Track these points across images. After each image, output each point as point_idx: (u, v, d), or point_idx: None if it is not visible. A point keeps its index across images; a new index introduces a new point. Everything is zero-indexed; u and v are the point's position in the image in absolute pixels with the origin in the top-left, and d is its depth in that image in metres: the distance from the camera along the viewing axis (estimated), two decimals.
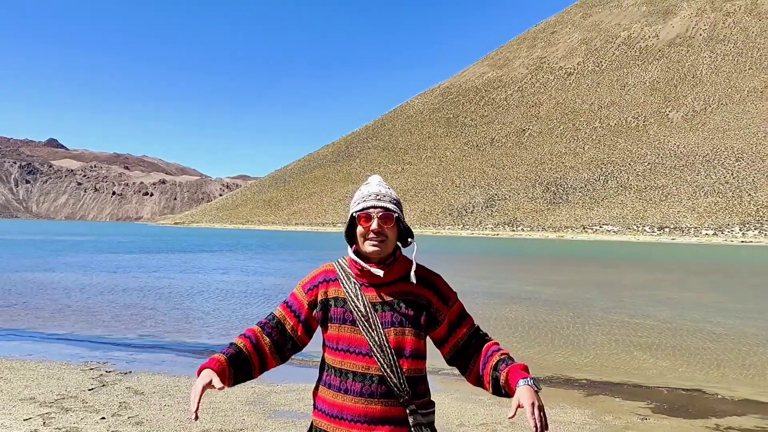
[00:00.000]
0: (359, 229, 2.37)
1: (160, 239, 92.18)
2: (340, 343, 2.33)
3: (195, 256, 47.95)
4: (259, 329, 2.43)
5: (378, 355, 2.27)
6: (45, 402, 7.19)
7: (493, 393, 2.35)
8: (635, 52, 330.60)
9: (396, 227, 2.40)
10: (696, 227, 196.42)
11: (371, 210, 2.36)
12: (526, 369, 2.25)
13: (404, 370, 2.29)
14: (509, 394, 2.25)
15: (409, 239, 2.47)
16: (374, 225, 2.34)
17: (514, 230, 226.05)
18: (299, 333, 2.44)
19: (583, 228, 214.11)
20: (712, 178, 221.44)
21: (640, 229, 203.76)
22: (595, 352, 11.99)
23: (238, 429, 6.41)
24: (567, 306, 19.40)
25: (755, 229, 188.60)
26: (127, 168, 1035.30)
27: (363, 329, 2.29)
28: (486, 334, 2.52)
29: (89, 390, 7.96)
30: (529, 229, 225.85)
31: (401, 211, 2.44)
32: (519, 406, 2.13)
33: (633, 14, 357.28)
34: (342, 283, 2.38)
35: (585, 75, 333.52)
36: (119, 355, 10.71)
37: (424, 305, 2.39)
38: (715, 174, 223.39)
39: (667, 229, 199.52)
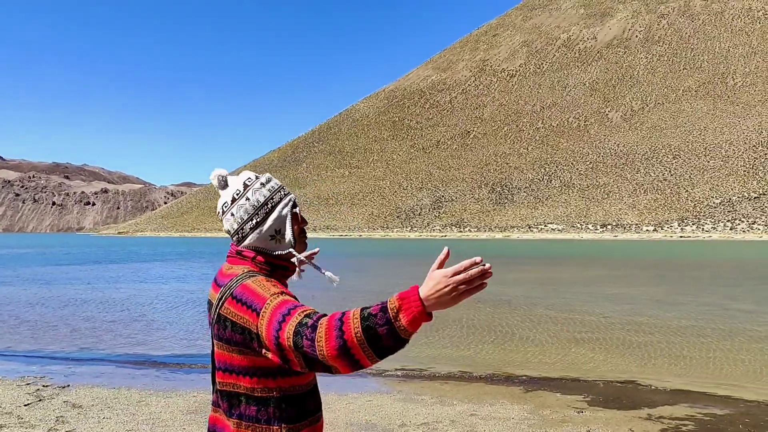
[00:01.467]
0: (296, 229, 2.13)
1: (106, 249, 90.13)
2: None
3: (145, 265, 47.09)
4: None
5: None
6: None
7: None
8: (575, 53, 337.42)
9: None
10: (637, 224, 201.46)
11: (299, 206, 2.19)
12: None
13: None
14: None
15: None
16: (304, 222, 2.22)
17: (461, 231, 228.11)
18: None
19: (529, 227, 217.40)
20: (651, 176, 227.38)
21: (583, 227, 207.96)
22: (535, 349, 12.23)
23: None
24: (510, 305, 19.71)
25: (693, 224, 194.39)
26: (67, 177, 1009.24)
27: None
28: None
29: (25, 405, 7.79)
30: (476, 229, 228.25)
31: None
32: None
33: (572, 17, 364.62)
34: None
35: (527, 77, 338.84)
36: (57, 369, 10.48)
37: None
38: (653, 171, 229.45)
39: (609, 227, 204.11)
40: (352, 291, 24.45)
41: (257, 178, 2.09)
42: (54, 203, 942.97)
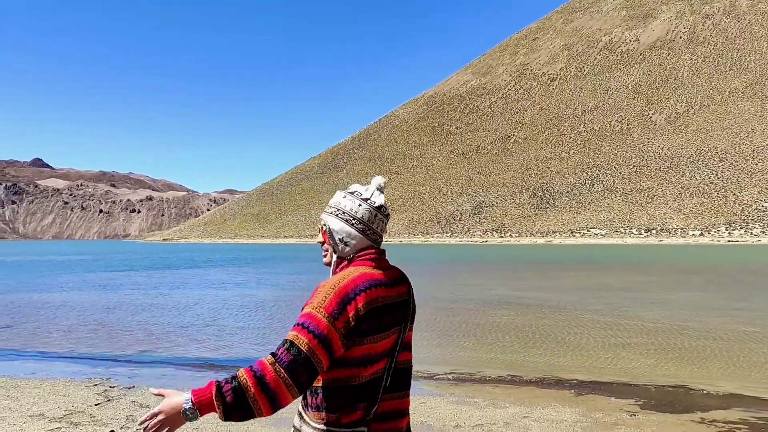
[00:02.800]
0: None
1: (156, 256, 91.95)
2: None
3: (201, 271, 47.98)
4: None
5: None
6: (54, 418, 7.40)
7: None
8: (617, 56, 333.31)
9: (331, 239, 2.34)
10: (683, 228, 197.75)
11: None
12: None
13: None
14: None
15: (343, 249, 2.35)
16: (320, 237, 2.35)
17: (502, 236, 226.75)
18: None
19: (571, 232, 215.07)
20: (697, 179, 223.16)
21: (627, 231, 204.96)
22: (584, 354, 12.31)
23: None
24: (556, 310, 19.73)
25: (741, 228, 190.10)
26: (113, 185, 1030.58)
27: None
28: None
29: (95, 405, 8.18)
30: (517, 234, 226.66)
31: (352, 222, 2.33)
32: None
33: (613, 19, 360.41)
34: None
35: (568, 80, 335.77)
36: (121, 371, 10.92)
37: None
38: (699, 175, 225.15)
39: (654, 231, 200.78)
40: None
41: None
42: (101, 211, 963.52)
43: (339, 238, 2.32)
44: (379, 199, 2.36)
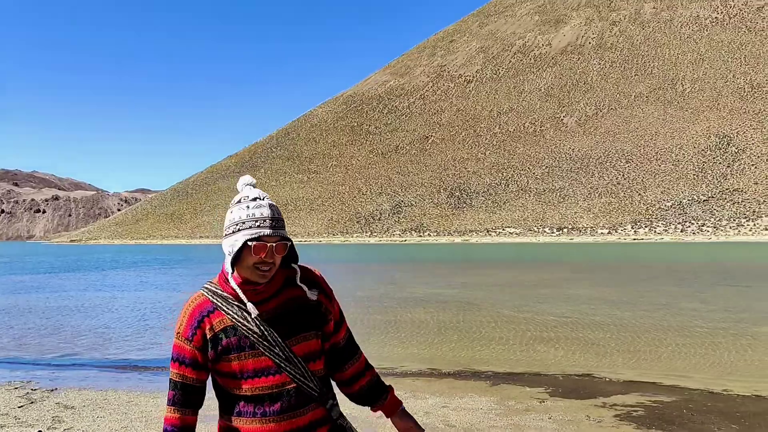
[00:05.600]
0: (251, 259, 2.18)
1: (67, 258, 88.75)
2: (245, 372, 2.20)
3: (119, 272, 46.77)
4: (178, 413, 2.24)
5: (288, 368, 2.20)
6: None
7: (356, 400, 2.44)
8: (530, 59, 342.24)
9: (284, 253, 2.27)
10: (592, 227, 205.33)
11: (267, 239, 2.18)
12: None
13: (314, 372, 2.26)
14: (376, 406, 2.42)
15: (293, 264, 2.36)
16: (269, 256, 2.18)
17: (421, 236, 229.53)
18: (203, 379, 2.28)
19: (487, 231, 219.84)
20: (605, 180, 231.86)
21: (540, 230, 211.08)
22: (499, 347, 12.98)
23: None
24: (473, 306, 20.46)
25: (645, 226, 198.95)
26: (16, 184, 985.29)
27: (264, 349, 2.19)
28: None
29: (19, 407, 8.16)
30: (435, 234, 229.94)
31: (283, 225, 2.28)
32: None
33: (527, 23, 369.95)
34: (222, 310, 2.22)
35: (484, 82, 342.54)
36: (42, 374, 10.82)
37: (314, 306, 2.34)
38: (607, 176, 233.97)
39: (565, 230, 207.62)
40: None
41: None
42: (2, 211, 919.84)
43: (293, 253, 2.38)
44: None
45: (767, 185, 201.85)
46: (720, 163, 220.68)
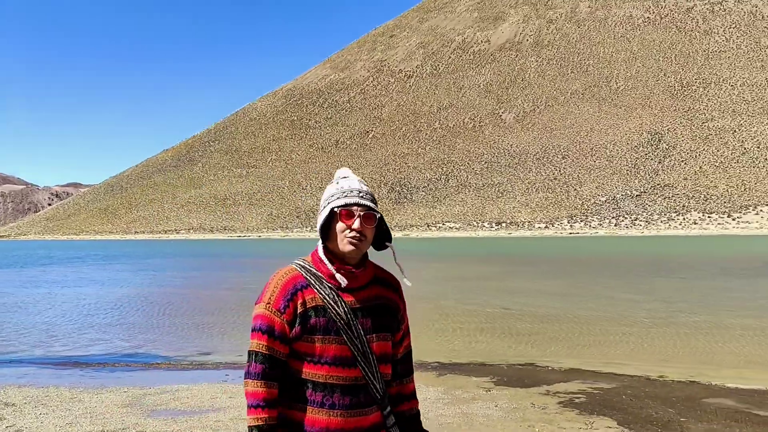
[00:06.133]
0: (339, 226, 2.21)
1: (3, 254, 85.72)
2: (324, 356, 2.15)
3: (44, 269, 45.39)
4: (266, 387, 2.16)
5: (362, 364, 2.16)
6: None
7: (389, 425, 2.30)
8: (469, 56, 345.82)
9: (374, 229, 2.28)
10: (529, 221, 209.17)
11: (354, 207, 2.21)
12: None
13: (383, 375, 2.23)
14: None
15: (387, 243, 2.38)
16: (356, 224, 2.20)
17: None
18: (287, 354, 2.21)
19: (428, 226, 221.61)
20: (543, 175, 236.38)
21: (479, 225, 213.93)
22: (445, 339, 13.19)
23: (120, 429, 6.75)
24: (418, 299, 20.66)
25: (581, 221, 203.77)
26: None
27: (347, 338, 2.16)
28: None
29: None
30: None
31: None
32: None
33: (466, 20, 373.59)
34: (315, 288, 2.20)
35: (424, 78, 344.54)
36: None
37: (395, 310, 2.34)
38: (545, 171, 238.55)
39: (504, 224, 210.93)
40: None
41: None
42: None
43: (385, 229, 2.37)
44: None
45: (696, 181, 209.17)
46: (652, 159, 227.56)
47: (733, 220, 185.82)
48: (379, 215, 2.26)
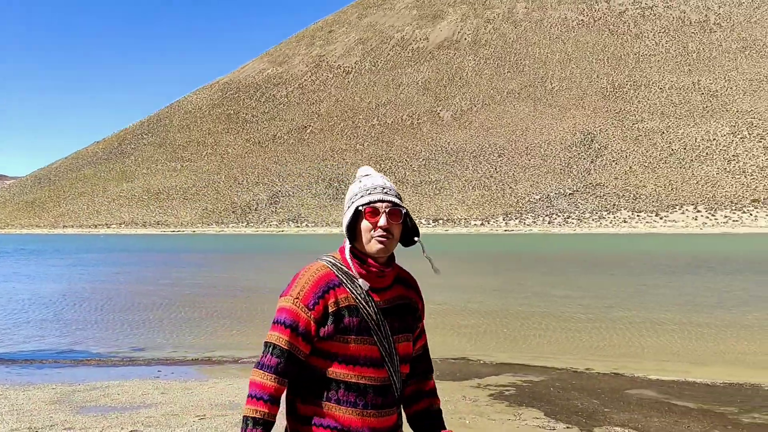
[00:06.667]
0: (365, 225, 2.17)
1: None
2: (358, 357, 2.11)
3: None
4: (275, 383, 2.08)
5: (389, 364, 2.14)
6: None
7: (410, 421, 2.34)
8: (408, 53, 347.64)
9: (401, 225, 2.23)
10: (466, 218, 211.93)
11: (378, 204, 2.17)
12: None
13: (402, 374, 2.22)
14: None
15: (415, 238, 2.32)
16: (382, 221, 2.16)
17: (299, 226, 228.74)
18: (307, 354, 2.14)
19: None
20: (479, 173, 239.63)
21: (416, 221, 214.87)
22: None
23: (48, 426, 6.62)
24: None
25: (516, 218, 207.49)
26: None
27: (377, 339, 2.13)
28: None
29: None
30: (313, 224, 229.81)
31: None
32: None
33: (405, 17, 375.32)
34: (347, 287, 2.15)
35: (362, 74, 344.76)
36: None
37: (414, 310, 2.31)
38: (481, 169, 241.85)
39: (441, 221, 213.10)
40: (194, 285, 24.52)
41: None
42: None
43: (412, 225, 2.31)
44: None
45: (626, 180, 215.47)
46: (584, 158, 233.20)
47: (661, 218, 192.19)
48: (405, 210, 2.23)
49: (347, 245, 2.20)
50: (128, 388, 8.38)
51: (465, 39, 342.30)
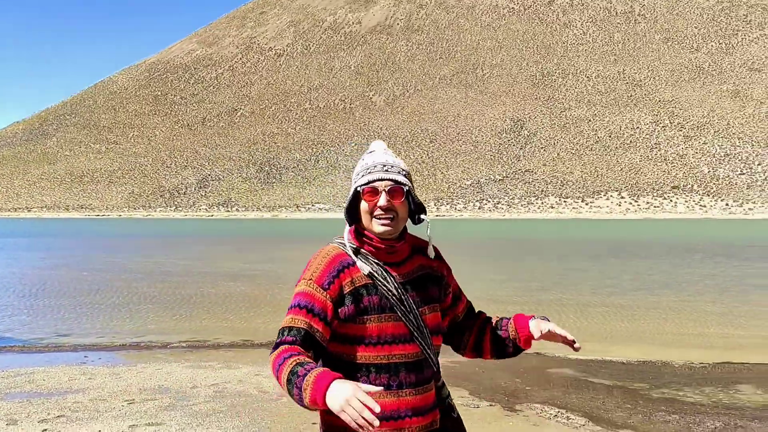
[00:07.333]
0: (363, 206, 2.11)
1: None
2: (383, 336, 2.05)
3: None
4: (301, 349, 1.98)
5: (419, 338, 2.07)
6: None
7: (496, 357, 2.30)
8: (340, 36, 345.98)
9: (406, 202, 2.14)
10: None
11: (377, 183, 2.09)
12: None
13: (436, 347, 2.15)
14: (518, 346, 2.26)
15: (421, 216, 2.24)
16: (382, 200, 2.08)
17: (229, 211, 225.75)
18: (327, 338, 2.06)
19: (297, 207, 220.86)
20: (411, 158, 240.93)
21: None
22: None
23: None
24: (285, 280, 20.73)
25: (447, 204, 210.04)
26: None
27: (401, 313, 2.06)
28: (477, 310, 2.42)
29: None
30: (244, 209, 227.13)
31: (411, 183, 2.18)
32: (542, 334, 2.19)
33: (338, 0, 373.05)
34: (362, 265, 2.10)
35: (294, 57, 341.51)
36: None
37: (438, 278, 2.26)
38: (413, 154, 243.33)
39: None
40: (131, 271, 24.07)
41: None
42: None
43: (416, 202, 2.22)
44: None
45: (554, 167, 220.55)
46: (514, 145, 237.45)
47: (586, 204, 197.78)
48: (407, 188, 2.12)
49: (346, 228, 2.18)
50: (54, 374, 8.26)
51: (398, 24, 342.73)
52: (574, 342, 2.13)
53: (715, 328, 12.30)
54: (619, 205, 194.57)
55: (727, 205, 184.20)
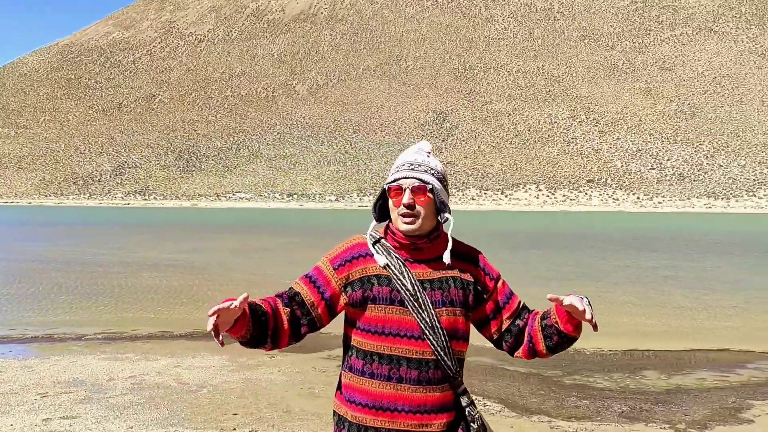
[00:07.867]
0: (390, 203, 2.18)
1: None
2: (387, 327, 2.09)
3: None
4: (277, 298, 2.21)
5: (431, 337, 2.08)
6: None
7: (549, 351, 2.26)
8: (263, 24, 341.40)
9: (431, 201, 2.16)
10: (321, 194, 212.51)
11: (402, 181, 2.15)
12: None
13: (455, 352, 2.14)
14: (566, 334, 2.23)
15: (445, 215, 2.24)
16: (405, 198, 2.12)
17: (146, 199, 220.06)
18: (320, 311, 2.19)
19: (217, 196, 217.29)
20: (335, 149, 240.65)
21: (270, 196, 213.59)
22: None
23: None
24: (204, 270, 20.45)
25: (370, 195, 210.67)
26: None
27: (413, 309, 2.09)
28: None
29: None
30: (162, 197, 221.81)
31: (444, 184, 2.22)
32: (565, 305, 2.17)
33: None
34: (381, 258, 2.15)
35: (216, 43, 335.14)
36: None
37: (471, 283, 2.23)
38: (336, 144, 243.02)
39: (295, 196, 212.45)
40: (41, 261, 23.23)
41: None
42: None
43: (441, 201, 2.22)
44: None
45: (475, 159, 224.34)
46: (436, 137, 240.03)
47: (506, 196, 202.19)
48: (431, 186, 2.14)
49: (372, 224, 2.25)
50: None
51: (321, 13, 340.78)
52: (592, 319, 2.12)
53: (626, 317, 12.82)
54: (537, 198, 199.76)
55: (638, 198, 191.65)
